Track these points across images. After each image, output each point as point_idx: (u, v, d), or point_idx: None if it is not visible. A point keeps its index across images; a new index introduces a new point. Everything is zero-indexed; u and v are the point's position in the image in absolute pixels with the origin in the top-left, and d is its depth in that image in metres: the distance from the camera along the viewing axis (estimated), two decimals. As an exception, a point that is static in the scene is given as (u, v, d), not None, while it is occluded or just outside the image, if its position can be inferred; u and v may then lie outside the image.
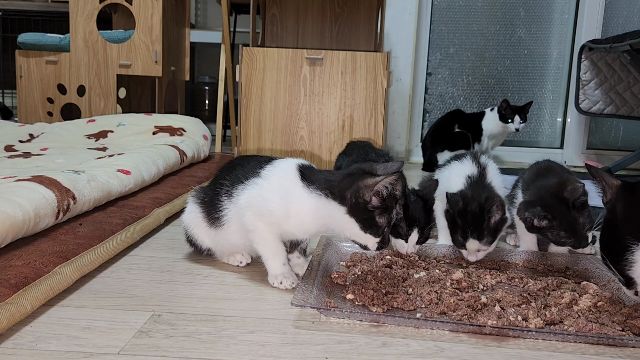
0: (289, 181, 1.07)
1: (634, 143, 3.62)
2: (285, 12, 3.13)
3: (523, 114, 3.00)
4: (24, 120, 3.08)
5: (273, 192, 1.07)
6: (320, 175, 1.07)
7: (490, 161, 1.41)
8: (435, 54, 3.64)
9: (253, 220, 1.09)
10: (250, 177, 1.11)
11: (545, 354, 0.87)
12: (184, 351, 0.83)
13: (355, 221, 1.02)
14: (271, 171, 1.10)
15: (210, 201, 1.19)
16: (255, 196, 1.08)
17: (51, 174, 1.37)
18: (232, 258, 1.25)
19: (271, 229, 1.09)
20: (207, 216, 1.19)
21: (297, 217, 1.06)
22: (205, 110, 4.28)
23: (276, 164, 1.12)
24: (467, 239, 1.25)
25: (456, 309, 0.98)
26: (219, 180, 1.18)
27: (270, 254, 1.11)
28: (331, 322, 0.95)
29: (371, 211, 1.02)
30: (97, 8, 2.97)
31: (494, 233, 1.26)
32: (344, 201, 1.02)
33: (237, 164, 1.19)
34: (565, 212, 1.23)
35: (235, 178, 1.14)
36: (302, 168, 1.08)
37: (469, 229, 1.24)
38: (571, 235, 1.23)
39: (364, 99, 2.59)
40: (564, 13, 3.56)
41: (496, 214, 1.24)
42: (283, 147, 2.64)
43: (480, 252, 1.27)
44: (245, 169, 1.14)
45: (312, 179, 1.06)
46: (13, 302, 0.88)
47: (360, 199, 1.01)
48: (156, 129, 2.55)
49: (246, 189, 1.10)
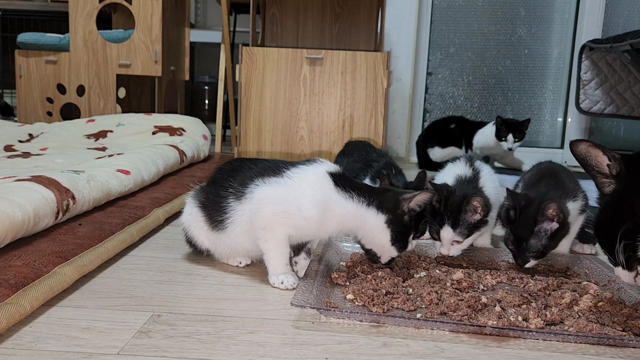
0: (324, 186, 1.08)
1: (635, 143, 3.62)
2: (285, 11, 3.13)
3: (519, 132, 2.86)
4: (23, 120, 3.08)
5: (307, 195, 1.06)
6: (357, 183, 1.12)
7: (486, 166, 1.40)
8: (435, 54, 3.63)
9: (272, 218, 1.07)
10: (270, 177, 1.09)
11: (546, 354, 0.87)
12: (183, 351, 0.83)
13: (390, 232, 1.09)
14: (300, 174, 1.09)
15: (213, 204, 1.17)
16: (282, 195, 1.07)
17: (51, 174, 1.37)
18: (231, 259, 1.24)
19: (287, 229, 1.08)
20: (209, 219, 1.17)
21: (330, 222, 1.08)
22: (205, 110, 4.28)
23: (304, 168, 1.11)
24: (442, 226, 1.24)
25: (456, 309, 0.97)
26: (223, 182, 1.16)
27: (277, 254, 1.10)
28: (331, 322, 0.95)
29: (405, 225, 1.10)
30: (96, 8, 2.97)
31: (471, 227, 1.24)
32: (384, 211, 1.08)
33: (241, 166, 1.17)
34: (527, 222, 1.19)
35: (246, 178, 1.12)
36: (333, 175, 1.10)
37: (446, 216, 1.24)
38: (515, 246, 1.22)
39: (364, 99, 2.59)
40: (564, 13, 3.56)
41: (476, 208, 1.23)
42: (283, 147, 2.63)
43: (454, 245, 1.26)
44: (259, 170, 1.12)
45: (349, 186, 1.09)
46: (12, 302, 0.88)
47: (399, 210, 1.08)
48: (156, 129, 2.55)
49: (266, 187, 1.08)
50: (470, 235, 1.25)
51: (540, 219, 1.18)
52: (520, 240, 1.20)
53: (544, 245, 1.19)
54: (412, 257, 1.27)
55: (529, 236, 1.19)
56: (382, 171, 1.52)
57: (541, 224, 1.18)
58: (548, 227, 1.19)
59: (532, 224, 1.19)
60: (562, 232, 1.21)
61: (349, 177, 1.13)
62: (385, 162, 1.58)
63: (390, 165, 1.56)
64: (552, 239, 1.20)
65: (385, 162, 1.58)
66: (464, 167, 1.37)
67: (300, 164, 1.13)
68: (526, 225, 1.19)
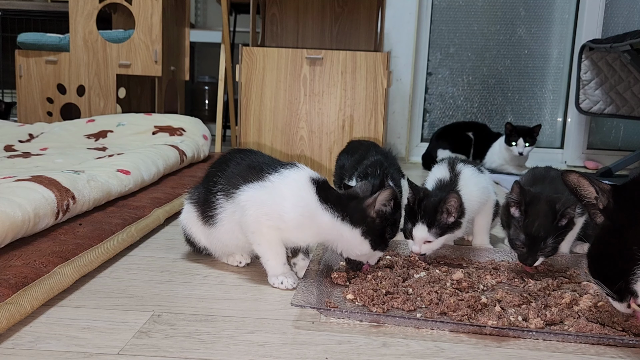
0: (305, 194, 1.07)
1: (634, 143, 3.62)
2: (285, 11, 3.13)
3: (530, 137, 2.82)
4: (23, 120, 3.08)
5: (288, 201, 1.06)
6: (334, 193, 1.11)
7: (469, 168, 1.40)
8: (435, 54, 3.63)
9: (256, 221, 1.07)
10: (255, 179, 1.09)
11: (546, 354, 0.87)
12: (183, 351, 0.83)
13: (369, 241, 1.09)
14: (283, 179, 1.09)
15: (204, 199, 1.17)
16: (264, 199, 1.07)
17: (51, 174, 1.37)
18: (231, 258, 1.24)
19: (275, 232, 1.08)
20: (201, 214, 1.19)
21: (309, 229, 1.08)
22: (205, 110, 4.28)
23: (286, 173, 1.10)
24: (415, 225, 1.24)
25: (456, 309, 0.97)
26: (212, 177, 1.16)
27: (272, 255, 1.11)
28: (331, 322, 0.95)
29: (379, 228, 1.09)
30: (96, 8, 2.97)
31: (444, 228, 1.24)
32: (357, 224, 1.08)
33: (230, 160, 1.17)
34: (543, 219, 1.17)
35: (233, 176, 1.12)
36: (315, 182, 1.09)
37: (419, 215, 1.23)
38: (528, 246, 1.18)
39: (364, 99, 2.59)
40: (564, 13, 3.56)
41: (450, 210, 1.23)
42: (283, 147, 2.63)
43: (425, 244, 1.25)
44: (245, 168, 1.13)
45: (329, 198, 1.08)
46: (12, 302, 0.88)
47: (369, 217, 1.08)
48: (156, 129, 2.55)
49: (251, 189, 1.09)
50: (443, 236, 1.25)
51: (558, 216, 1.16)
52: (536, 239, 1.16)
53: (557, 242, 1.18)
54: (413, 256, 1.27)
55: (548, 234, 1.16)
56: (367, 170, 1.52)
57: (559, 221, 1.17)
58: (562, 223, 1.18)
59: (551, 221, 1.16)
60: (570, 227, 1.21)
61: (329, 187, 1.12)
62: (373, 161, 1.58)
63: (376, 164, 1.55)
64: (563, 235, 1.19)
65: (373, 161, 1.58)
66: (445, 170, 1.38)
67: (282, 167, 1.12)
68: (542, 223, 1.16)
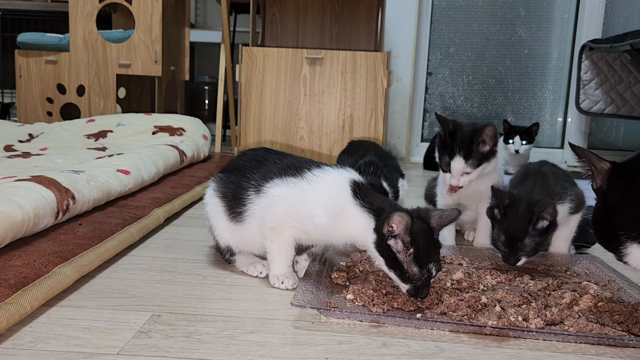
0: (340, 196, 1.03)
1: (635, 143, 3.62)
2: (285, 11, 3.13)
3: (527, 135, 2.81)
4: (23, 120, 3.08)
5: (321, 202, 1.03)
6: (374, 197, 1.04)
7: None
8: (435, 54, 3.63)
9: (282, 219, 1.05)
10: (290, 176, 1.07)
11: (546, 354, 0.87)
12: (183, 351, 0.83)
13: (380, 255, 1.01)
14: (321, 178, 1.06)
15: (233, 195, 1.14)
16: (296, 197, 1.05)
17: (51, 174, 1.37)
18: (251, 268, 1.19)
19: (296, 232, 1.07)
20: (228, 210, 1.15)
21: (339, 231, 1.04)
22: (205, 110, 4.28)
23: (328, 172, 1.07)
24: (453, 157, 1.25)
25: (456, 309, 0.97)
26: (245, 173, 1.13)
27: (281, 255, 1.10)
28: (331, 322, 0.95)
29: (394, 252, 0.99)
30: (96, 8, 2.97)
31: (480, 158, 1.25)
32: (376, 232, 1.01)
33: (265, 158, 1.14)
34: (520, 221, 1.20)
35: (268, 173, 1.10)
36: (354, 185, 1.04)
37: (457, 148, 1.25)
38: (508, 246, 1.21)
39: (364, 99, 2.59)
40: (564, 13, 3.56)
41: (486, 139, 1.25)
42: (283, 147, 2.63)
43: (463, 176, 1.26)
44: (282, 166, 1.10)
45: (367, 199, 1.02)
46: (12, 303, 0.88)
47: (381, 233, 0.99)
48: (156, 129, 2.55)
49: (283, 185, 1.07)
50: (479, 166, 1.26)
51: (534, 218, 1.19)
52: (514, 240, 1.20)
53: (537, 243, 1.21)
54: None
55: (524, 235, 1.20)
56: (360, 169, 1.52)
57: (535, 223, 1.20)
58: (540, 225, 1.20)
59: (527, 223, 1.20)
60: (552, 228, 1.23)
61: (369, 189, 1.06)
62: (366, 161, 1.58)
63: (370, 164, 1.55)
64: (543, 236, 1.22)
65: (367, 161, 1.58)
66: None
67: (327, 166, 1.10)
68: (520, 225, 1.20)
